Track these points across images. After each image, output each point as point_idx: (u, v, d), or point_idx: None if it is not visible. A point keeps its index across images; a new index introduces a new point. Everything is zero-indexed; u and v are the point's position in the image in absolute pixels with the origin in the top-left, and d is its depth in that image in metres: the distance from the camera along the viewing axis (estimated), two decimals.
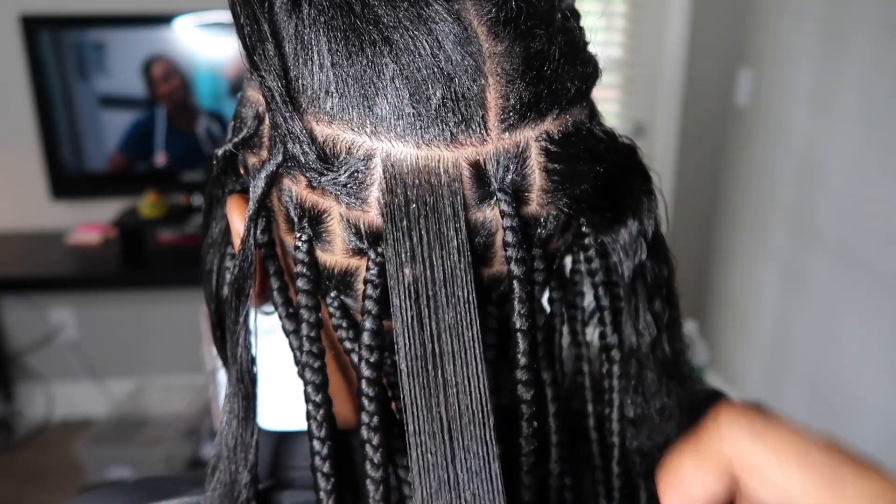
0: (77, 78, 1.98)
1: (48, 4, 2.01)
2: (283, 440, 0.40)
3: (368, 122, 0.29)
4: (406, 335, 0.29)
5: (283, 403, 0.41)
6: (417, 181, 0.29)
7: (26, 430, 2.36)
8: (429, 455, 0.28)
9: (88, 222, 2.21)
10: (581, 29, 0.33)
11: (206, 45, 2.02)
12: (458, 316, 0.29)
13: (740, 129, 2.33)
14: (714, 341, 2.52)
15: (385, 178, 0.29)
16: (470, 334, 0.29)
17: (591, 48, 0.34)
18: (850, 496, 0.22)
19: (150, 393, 2.30)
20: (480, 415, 0.29)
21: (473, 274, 0.30)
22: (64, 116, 2.00)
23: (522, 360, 0.32)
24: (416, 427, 0.28)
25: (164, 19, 1.99)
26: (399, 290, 0.29)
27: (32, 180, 2.16)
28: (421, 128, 0.28)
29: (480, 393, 0.29)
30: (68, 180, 2.06)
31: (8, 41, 2.03)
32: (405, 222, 0.29)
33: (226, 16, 1.89)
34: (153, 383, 2.34)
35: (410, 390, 0.29)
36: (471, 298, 0.29)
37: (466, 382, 0.29)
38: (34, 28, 1.93)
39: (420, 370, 0.29)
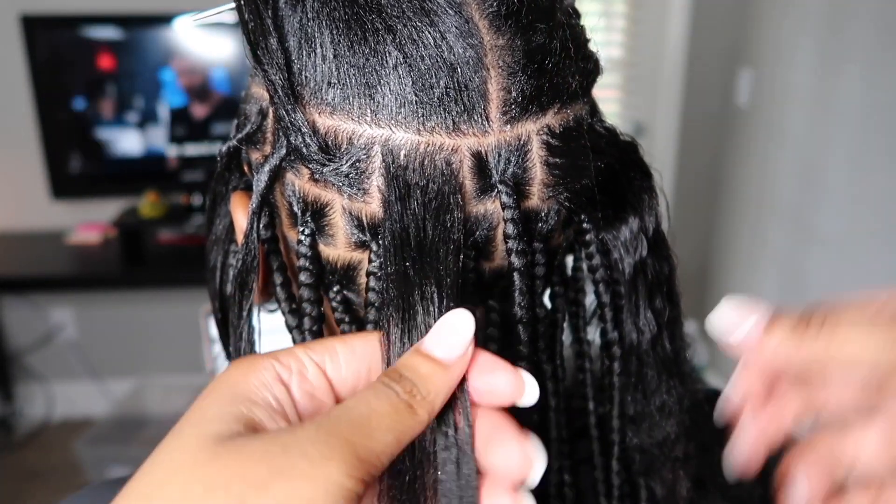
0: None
1: (48, 4, 2.01)
2: None
3: (369, 110, 0.29)
4: (393, 321, 0.28)
5: None
6: (416, 167, 0.29)
7: (26, 429, 2.36)
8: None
9: (88, 222, 2.22)
10: (581, 26, 0.34)
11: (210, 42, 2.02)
12: (445, 301, 0.28)
13: (740, 128, 2.33)
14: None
15: (385, 164, 0.29)
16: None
17: (592, 46, 0.34)
18: None
19: (151, 393, 2.30)
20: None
21: (464, 257, 0.29)
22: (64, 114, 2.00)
23: (523, 352, 0.32)
24: None
25: (164, 19, 2.00)
26: (391, 273, 0.29)
27: (33, 180, 2.16)
28: (423, 115, 0.29)
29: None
30: (68, 180, 2.06)
31: (8, 41, 2.03)
32: (402, 207, 0.29)
33: (226, 16, 1.90)
34: (153, 383, 2.34)
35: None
36: (457, 280, 0.28)
37: None
38: (34, 28, 1.93)
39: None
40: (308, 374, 0.27)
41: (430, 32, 0.29)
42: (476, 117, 0.29)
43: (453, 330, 0.26)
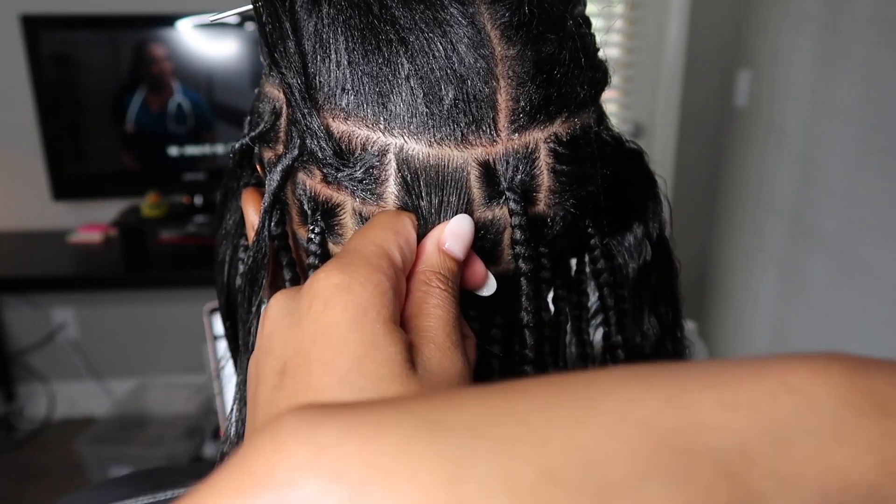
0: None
1: (49, 4, 2.01)
2: None
3: (382, 118, 0.30)
4: None
5: None
6: (430, 177, 0.30)
7: (28, 428, 2.36)
8: None
9: (90, 222, 2.22)
10: (591, 35, 0.34)
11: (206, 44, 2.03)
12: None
13: (739, 129, 2.34)
14: (712, 342, 2.53)
15: (400, 173, 0.30)
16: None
17: (600, 54, 0.35)
18: None
19: (152, 392, 2.30)
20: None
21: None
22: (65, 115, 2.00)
23: (530, 356, 0.32)
24: None
25: (166, 20, 2.00)
26: None
27: (34, 180, 2.16)
28: (433, 126, 0.29)
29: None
30: (70, 181, 2.07)
31: (9, 41, 2.04)
32: (418, 214, 0.30)
33: (226, 17, 1.89)
34: (154, 383, 2.34)
35: None
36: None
37: None
38: (35, 28, 1.94)
39: None
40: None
41: (441, 44, 0.29)
42: (484, 128, 0.30)
43: (462, 235, 0.30)
